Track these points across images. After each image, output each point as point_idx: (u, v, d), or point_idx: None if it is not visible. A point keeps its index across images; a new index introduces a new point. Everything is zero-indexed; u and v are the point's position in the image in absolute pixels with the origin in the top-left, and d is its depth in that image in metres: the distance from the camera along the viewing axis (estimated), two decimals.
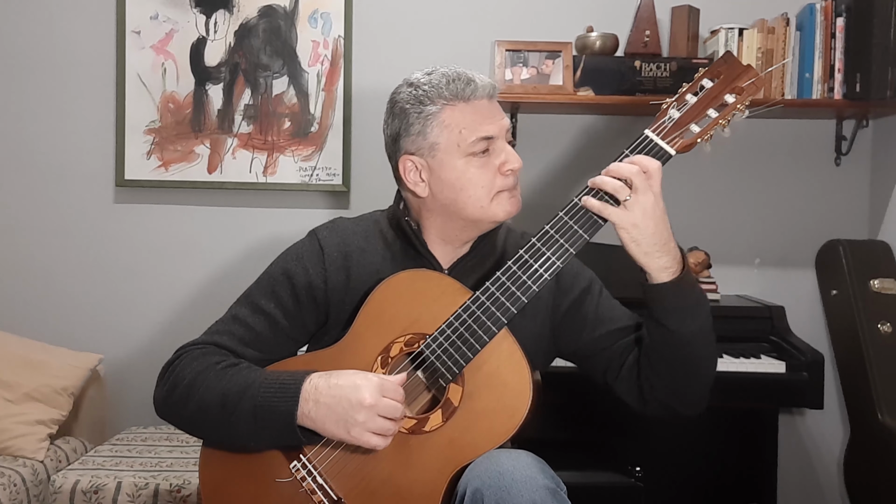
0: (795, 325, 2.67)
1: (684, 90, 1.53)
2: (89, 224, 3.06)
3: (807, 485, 3.01)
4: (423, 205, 1.63)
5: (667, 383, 1.56)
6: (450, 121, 1.55)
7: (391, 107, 1.63)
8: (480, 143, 1.55)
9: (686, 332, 1.51)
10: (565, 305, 1.67)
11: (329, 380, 1.47)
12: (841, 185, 2.98)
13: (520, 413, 1.46)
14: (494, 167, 1.56)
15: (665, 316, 1.50)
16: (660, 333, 1.53)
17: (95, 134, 3.04)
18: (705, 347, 1.55)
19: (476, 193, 1.56)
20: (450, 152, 1.56)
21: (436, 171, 1.58)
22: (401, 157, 1.60)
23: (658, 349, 1.55)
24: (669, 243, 1.48)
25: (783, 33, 2.74)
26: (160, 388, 1.59)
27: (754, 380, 2.47)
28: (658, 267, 1.48)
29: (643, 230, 1.44)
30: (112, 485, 2.40)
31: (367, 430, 1.43)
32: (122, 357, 3.04)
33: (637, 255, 1.47)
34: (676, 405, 1.59)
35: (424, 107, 1.56)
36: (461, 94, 1.55)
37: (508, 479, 1.35)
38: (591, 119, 3.00)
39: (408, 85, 1.60)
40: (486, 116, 1.56)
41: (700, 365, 1.56)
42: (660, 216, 1.45)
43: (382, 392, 1.44)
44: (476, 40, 2.96)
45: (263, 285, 1.65)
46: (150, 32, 2.99)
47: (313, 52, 2.99)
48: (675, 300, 1.49)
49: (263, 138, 3.00)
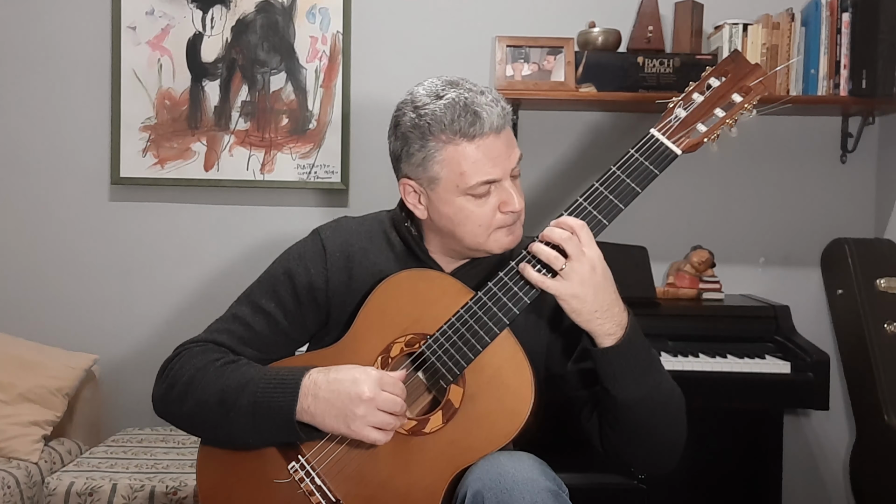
0: (800, 325, 2.67)
1: (691, 89, 1.53)
2: (84, 222, 3.06)
3: (812, 487, 3.01)
4: (423, 222, 1.62)
5: (618, 442, 1.55)
6: (451, 160, 1.50)
7: (394, 125, 1.57)
8: (481, 186, 1.51)
9: (629, 399, 1.48)
10: (563, 326, 1.62)
11: (328, 374, 1.47)
12: (847, 182, 2.98)
13: (521, 415, 1.46)
14: (494, 206, 1.53)
15: (608, 381, 1.48)
16: (605, 397, 1.51)
17: (90, 131, 3.03)
18: (655, 413, 1.51)
19: (472, 230, 1.54)
20: (448, 190, 1.52)
21: (434, 203, 1.55)
22: (401, 179, 1.59)
23: (607, 410, 1.53)
24: (613, 308, 1.45)
25: (788, 29, 2.74)
26: (158, 385, 1.60)
27: (759, 380, 2.47)
28: (601, 333, 1.46)
29: (583, 299, 1.43)
30: (107, 487, 2.39)
31: (367, 423, 1.43)
32: (118, 357, 3.04)
33: (579, 323, 1.46)
34: (633, 464, 1.59)
35: (427, 140, 1.51)
36: (466, 133, 1.48)
37: (509, 480, 1.35)
38: (594, 116, 3.00)
39: (412, 108, 1.53)
40: (491, 158, 1.50)
41: (648, 432, 1.52)
42: (599, 282, 1.43)
43: (381, 386, 1.44)
44: (476, 36, 2.96)
45: (264, 284, 1.65)
46: (145, 28, 2.98)
47: (311, 48, 2.98)
48: (618, 366, 1.47)
49: (261, 135, 2.99)
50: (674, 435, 1.55)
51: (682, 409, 1.56)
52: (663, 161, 1.49)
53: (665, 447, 1.56)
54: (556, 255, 1.44)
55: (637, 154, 1.50)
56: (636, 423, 1.51)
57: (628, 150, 1.50)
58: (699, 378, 2.44)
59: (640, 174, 1.49)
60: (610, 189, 1.49)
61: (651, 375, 1.50)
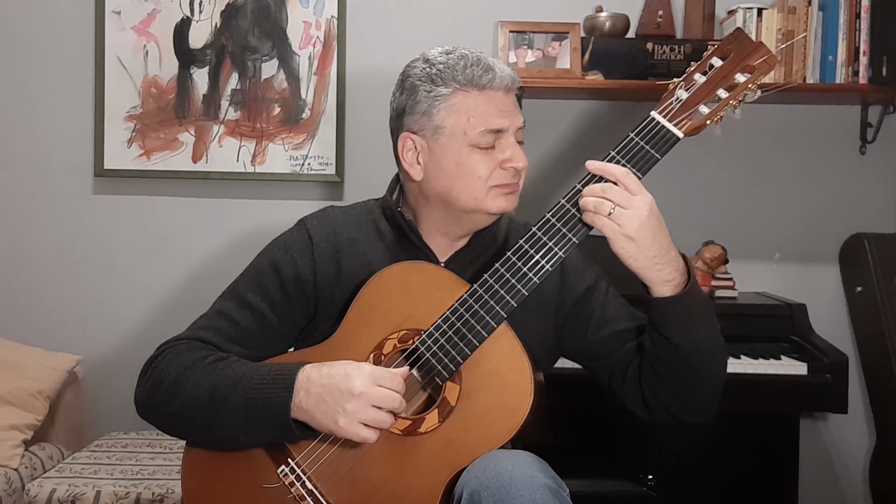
0: (818, 325, 2.66)
1: (692, 69, 1.53)
2: (66, 216, 3.06)
3: (830, 494, 3.00)
4: (418, 192, 1.63)
5: (670, 392, 1.57)
6: (459, 106, 1.55)
7: (402, 80, 1.63)
8: (487, 135, 1.55)
9: (690, 345, 1.51)
10: (570, 303, 1.67)
11: (321, 369, 1.48)
12: (866, 174, 2.97)
13: (521, 412, 1.46)
14: (497, 161, 1.56)
15: (668, 329, 1.50)
16: (662, 345, 1.53)
17: (73, 121, 3.03)
18: (712, 356, 1.55)
19: (472, 184, 1.56)
20: (453, 138, 1.56)
21: (435, 155, 1.58)
22: (402, 134, 1.61)
23: (661, 360, 1.55)
24: (670, 252, 1.48)
25: (805, 13, 2.73)
26: (142, 386, 1.60)
27: (774, 382, 2.46)
28: (659, 280, 1.48)
29: (640, 243, 1.44)
30: (90, 494, 2.40)
31: (357, 420, 1.43)
32: (102, 358, 3.04)
33: (636, 270, 1.47)
34: (681, 414, 1.60)
35: (436, 86, 1.56)
36: (477, 81, 1.55)
37: (507, 478, 1.36)
38: (601, 105, 2.99)
39: (423, 61, 1.60)
40: (500, 109, 1.56)
41: (705, 374, 1.56)
42: (655, 225, 1.45)
43: (376, 381, 1.44)
44: (478, 21, 2.96)
45: (250, 278, 1.66)
46: (131, 12, 2.98)
47: (305, 34, 2.98)
48: (680, 314, 1.49)
49: (252, 125, 3.00)
50: (722, 377, 1.60)
51: (727, 351, 1.61)
52: (665, 145, 1.50)
53: (714, 391, 1.59)
54: (601, 201, 1.44)
55: (637, 138, 1.50)
56: (694, 369, 1.53)
57: (628, 134, 1.51)
58: None
59: (641, 159, 1.50)
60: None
61: (710, 318, 1.54)
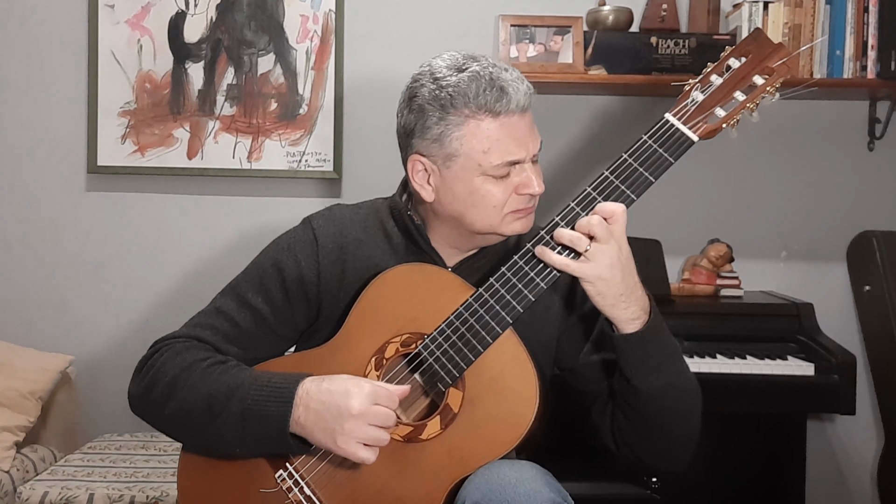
0: (825, 324, 2.66)
1: (709, 70, 1.52)
2: (59, 214, 3.05)
3: (837, 497, 3.01)
4: (429, 208, 1.61)
5: (635, 435, 1.57)
6: (472, 136, 1.50)
7: (409, 98, 1.56)
8: (504, 167, 1.51)
9: (650, 388, 1.50)
10: (574, 317, 1.65)
11: (321, 384, 1.46)
12: (874, 171, 2.97)
13: (525, 421, 1.46)
14: (513, 186, 1.53)
15: (629, 368, 1.50)
16: (622, 386, 1.53)
17: (65, 116, 3.03)
18: (676, 402, 1.53)
19: (486, 212, 1.53)
20: (466, 168, 1.51)
21: (447, 181, 1.54)
22: (411, 156, 1.57)
23: (626, 401, 1.54)
24: (636, 291, 1.47)
25: (812, 7, 2.73)
26: (137, 383, 1.59)
27: (781, 383, 2.46)
28: (624, 318, 1.47)
29: (609, 281, 1.44)
30: (84, 497, 2.40)
31: (356, 439, 1.42)
32: (95, 359, 3.04)
33: (602, 307, 1.47)
34: (647, 459, 1.60)
35: (447, 113, 1.50)
36: (491, 108, 1.48)
37: (511, 492, 1.35)
38: (604, 100, 2.99)
39: (432, 80, 1.52)
40: (516, 138, 1.51)
41: (670, 421, 1.54)
42: (625, 264, 1.45)
43: (374, 400, 1.43)
44: (478, 14, 2.95)
45: (251, 277, 1.65)
46: (124, 6, 2.97)
47: (302, 28, 2.98)
48: (642, 353, 1.49)
49: (248, 121, 2.99)
50: (691, 427, 1.57)
51: (699, 400, 1.58)
52: (679, 148, 1.49)
53: (682, 441, 1.57)
54: (579, 236, 1.44)
55: (651, 141, 1.49)
56: (655, 414, 1.52)
57: (641, 137, 1.50)
58: (717, 380, 2.43)
59: (654, 162, 1.49)
60: (621, 178, 1.49)
61: (674, 363, 1.53)
